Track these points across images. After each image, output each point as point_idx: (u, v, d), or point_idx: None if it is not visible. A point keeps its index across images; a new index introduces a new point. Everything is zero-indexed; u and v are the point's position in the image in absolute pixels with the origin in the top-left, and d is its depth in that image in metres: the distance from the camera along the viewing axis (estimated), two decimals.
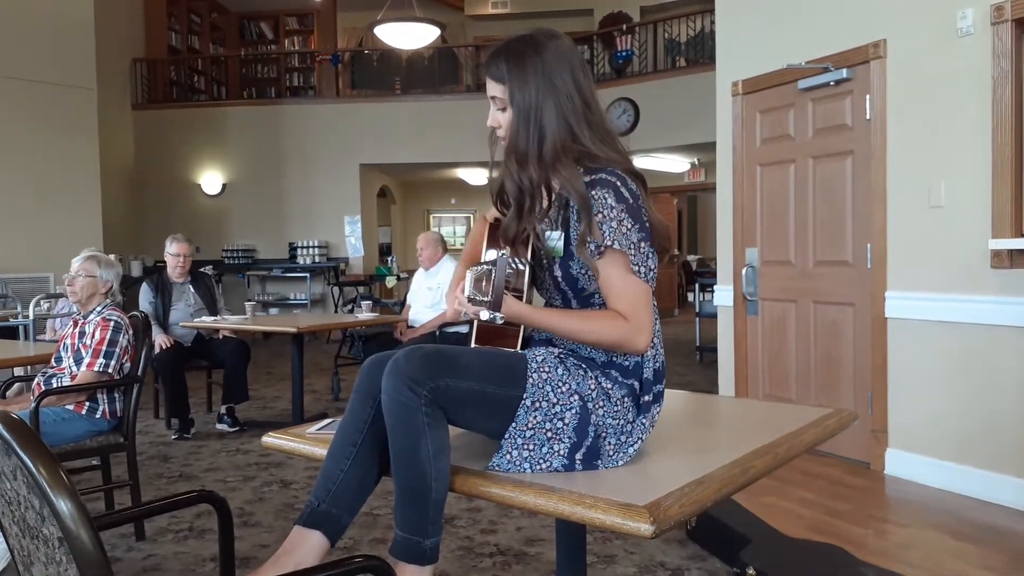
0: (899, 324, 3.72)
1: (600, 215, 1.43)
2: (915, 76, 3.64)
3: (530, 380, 1.42)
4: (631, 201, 1.45)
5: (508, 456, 1.40)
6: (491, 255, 1.42)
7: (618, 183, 1.45)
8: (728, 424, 1.90)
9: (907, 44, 3.67)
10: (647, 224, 1.47)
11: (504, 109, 1.53)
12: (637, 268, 1.44)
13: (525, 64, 1.50)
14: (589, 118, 1.51)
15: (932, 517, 3.22)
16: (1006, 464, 3.27)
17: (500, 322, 1.41)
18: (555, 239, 1.51)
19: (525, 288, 1.53)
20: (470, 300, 1.41)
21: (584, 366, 1.47)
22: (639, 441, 1.46)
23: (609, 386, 1.45)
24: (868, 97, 3.83)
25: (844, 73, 3.93)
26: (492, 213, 1.80)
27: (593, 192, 1.44)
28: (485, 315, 1.39)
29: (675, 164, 11.99)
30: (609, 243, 1.42)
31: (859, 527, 3.08)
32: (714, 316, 5.09)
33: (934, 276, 3.56)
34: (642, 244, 1.45)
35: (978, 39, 3.34)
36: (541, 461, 1.40)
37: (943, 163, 3.52)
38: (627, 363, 1.48)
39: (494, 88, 1.53)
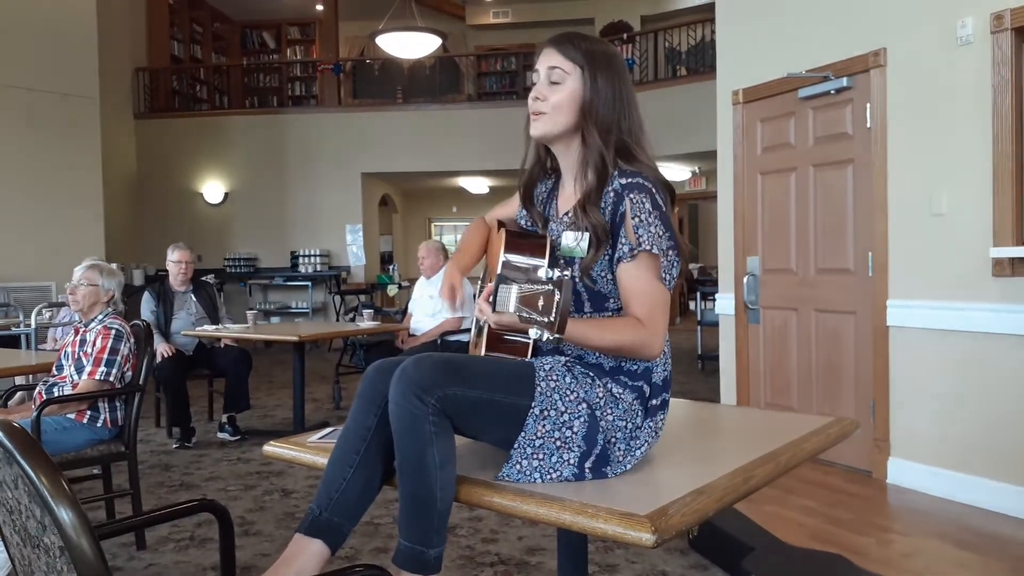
0: (901, 332, 3.72)
1: (637, 219, 1.44)
2: (915, 85, 3.65)
3: (538, 389, 1.42)
4: (663, 209, 1.47)
5: (518, 466, 1.39)
6: (549, 273, 1.32)
7: (653, 189, 1.47)
8: (730, 433, 1.89)
9: (907, 53, 3.68)
10: (675, 235, 1.48)
11: (557, 83, 1.53)
12: (664, 275, 1.45)
13: (601, 58, 1.54)
14: (633, 121, 1.55)
15: (934, 526, 3.21)
16: (1008, 472, 3.26)
17: (552, 344, 1.34)
18: (581, 239, 1.51)
19: None
20: (522, 319, 1.28)
21: (592, 373, 1.47)
22: (645, 445, 1.46)
23: (619, 391, 1.45)
24: (868, 106, 3.84)
25: (844, 82, 3.94)
26: (492, 216, 1.80)
27: (631, 195, 1.45)
28: (536, 333, 1.31)
29: (676, 172, 12.01)
30: (648, 247, 1.43)
31: (861, 536, 3.07)
32: (716, 325, 5.09)
33: (935, 284, 3.56)
34: (670, 252, 1.46)
35: (978, 48, 3.35)
36: (551, 471, 1.40)
37: (944, 171, 3.53)
38: (636, 368, 1.48)
39: (559, 61, 1.53)
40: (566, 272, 1.32)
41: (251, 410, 5.67)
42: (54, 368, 3.31)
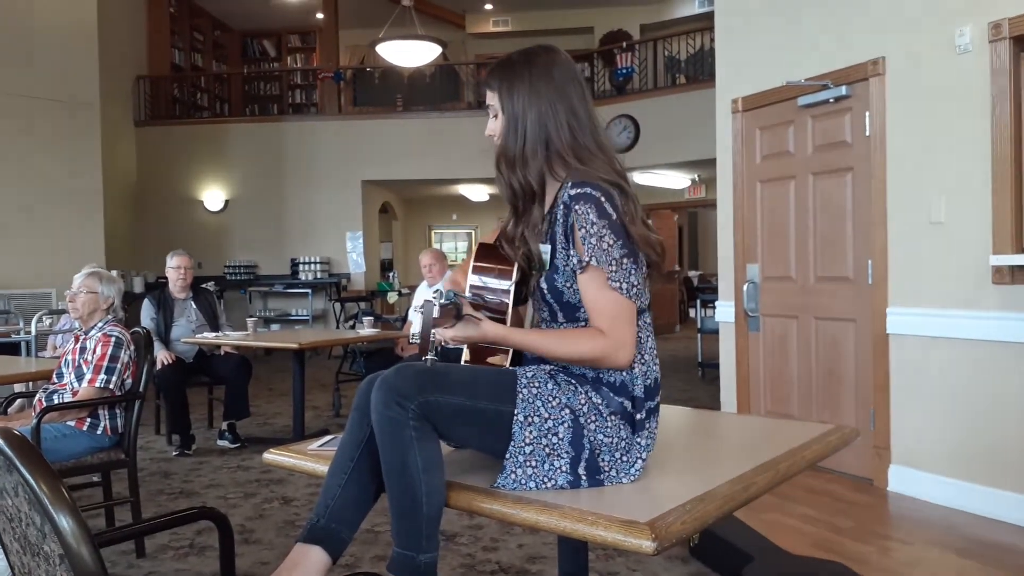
0: (900, 340, 3.72)
1: (583, 230, 1.44)
2: (914, 93, 3.66)
3: (520, 395, 1.43)
4: (614, 216, 1.45)
5: (513, 475, 1.40)
6: (436, 295, 1.43)
7: (602, 198, 1.45)
8: (730, 440, 1.89)
9: (906, 61, 3.69)
10: (631, 240, 1.46)
11: (496, 116, 1.58)
12: (617, 284, 1.43)
13: (515, 74, 1.56)
14: (574, 127, 1.53)
15: (935, 534, 3.20)
16: (1009, 480, 3.26)
17: (432, 364, 1.42)
18: (545, 252, 1.53)
19: (509, 310, 1.55)
20: (421, 340, 1.41)
21: (574, 382, 1.47)
22: (639, 460, 1.46)
23: (600, 401, 1.45)
24: (867, 114, 3.85)
25: (843, 90, 3.95)
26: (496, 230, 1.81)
27: (576, 207, 1.45)
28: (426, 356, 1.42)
29: (675, 180, 12.03)
30: (587, 259, 1.43)
31: (862, 544, 3.06)
32: (716, 332, 5.09)
33: (935, 292, 3.57)
34: (624, 260, 1.44)
35: (976, 56, 3.36)
36: (546, 479, 1.40)
37: (943, 179, 3.53)
38: (614, 379, 1.47)
39: (489, 97, 1.60)
40: (435, 294, 1.40)
41: (251, 418, 5.66)
42: (54, 375, 3.31)
